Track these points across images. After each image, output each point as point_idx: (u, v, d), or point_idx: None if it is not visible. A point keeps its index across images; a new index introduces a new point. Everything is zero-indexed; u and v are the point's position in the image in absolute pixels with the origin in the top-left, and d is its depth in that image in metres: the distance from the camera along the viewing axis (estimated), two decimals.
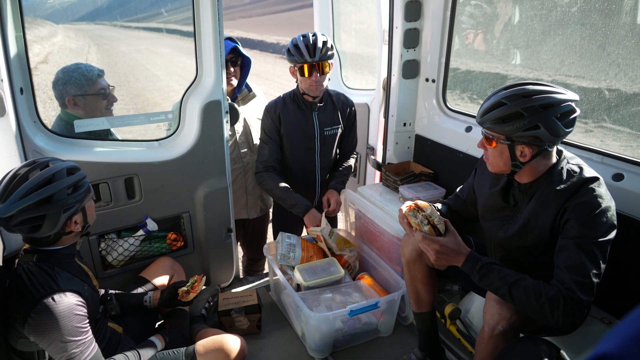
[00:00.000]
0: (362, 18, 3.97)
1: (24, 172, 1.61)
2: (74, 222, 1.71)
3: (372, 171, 3.52)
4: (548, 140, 1.59)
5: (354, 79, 4.01)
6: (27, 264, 1.67)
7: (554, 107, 1.56)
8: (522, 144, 1.62)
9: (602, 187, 1.62)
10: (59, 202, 1.60)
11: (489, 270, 1.65)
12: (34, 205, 1.56)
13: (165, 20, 31.65)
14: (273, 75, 15.48)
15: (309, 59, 2.51)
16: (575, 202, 1.59)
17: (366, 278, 2.66)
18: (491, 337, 1.72)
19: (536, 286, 1.56)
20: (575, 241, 1.56)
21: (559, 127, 1.56)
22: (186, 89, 2.49)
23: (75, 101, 2.34)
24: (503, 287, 1.61)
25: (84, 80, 2.36)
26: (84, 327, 1.66)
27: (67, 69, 2.37)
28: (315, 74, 2.54)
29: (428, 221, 1.75)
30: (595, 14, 2.51)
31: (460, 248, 1.72)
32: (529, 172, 1.70)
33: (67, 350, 1.61)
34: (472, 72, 3.68)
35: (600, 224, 1.56)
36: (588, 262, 1.53)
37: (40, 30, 21.05)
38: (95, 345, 1.71)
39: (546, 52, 2.98)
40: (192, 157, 2.51)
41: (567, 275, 1.54)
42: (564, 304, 1.51)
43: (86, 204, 1.75)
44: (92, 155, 2.29)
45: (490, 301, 1.74)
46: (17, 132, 1.97)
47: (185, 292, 2.16)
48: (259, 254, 3.32)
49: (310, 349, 2.40)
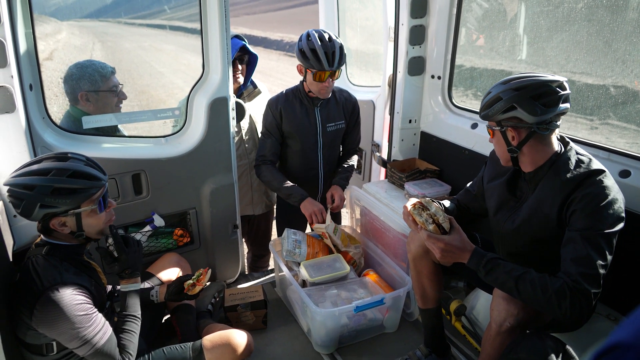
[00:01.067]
0: (368, 15, 3.96)
1: (44, 157, 1.69)
2: (61, 222, 1.70)
3: (377, 168, 3.52)
4: (529, 120, 1.65)
5: (359, 76, 4.00)
6: (35, 257, 1.70)
7: (527, 87, 1.64)
8: (509, 127, 1.70)
9: (610, 180, 1.63)
10: (39, 194, 1.62)
11: (495, 266, 1.66)
12: (20, 186, 1.62)
13: (169, 18, 31.67)
14: (277, 72, 15.48)
15: (327, 68, 2.48)
16: (582, 193, 1.60)
17: (372, 274, 2.67)
18: (498, 333, 1.73)
19: (542, 279, 1.57)
20: (582, 233, 1.57)
21: (535, 105, 1.63)
22: (193, 85, 2.50)
23: (88, 97, 2.36)
24: (509, 282, 1.62)
25: (98, 77, 2.37)
26: (92, 312, 1.67)
27: (81, 64, 2.37)
28: (329, 79, 2.55)
29: (433, 220, 1.76)
30: (601, 10, 2.50)
31: (466, 245, 1.73)
32: (528, 159, 1.75)
33: (79, 337, 1.63)
34: (477, 69, 3.67)
35: (607, 216, 1.56)
36: (594, 254, 1.53)
37: (45, 27, 21.11)
38: (109, 328, 1.73)
39: (552, 49, 2.98)
40: (198, 153, 2.53)
41: (573, 267, 1.55)
42: (571, 296, 1.51)
43: (83, 212, 1.71)
44: (99, 151, 2.30)
45: (498, 298, 1.75)
46: (27, 128, 1.98)
47: (191, 285, 2.17)
48: (263, 250, 3.33)
49: (316, 345, 2.41)
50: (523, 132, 1.69)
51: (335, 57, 2.49)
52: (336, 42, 2.50)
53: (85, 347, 1.66)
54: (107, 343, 1.71)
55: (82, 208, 1.70)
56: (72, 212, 1.69)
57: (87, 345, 1.66)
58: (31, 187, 1.61)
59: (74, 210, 1.69)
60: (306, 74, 2.57)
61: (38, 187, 1.61)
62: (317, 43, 2.47)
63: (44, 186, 1.62)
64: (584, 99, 2.82)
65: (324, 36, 2.50)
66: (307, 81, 2.61)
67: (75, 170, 1.67)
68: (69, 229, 1.73)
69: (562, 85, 1.65)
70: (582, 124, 3.41)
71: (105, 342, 1.70)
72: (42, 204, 1.63)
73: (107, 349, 1.70)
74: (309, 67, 2.51)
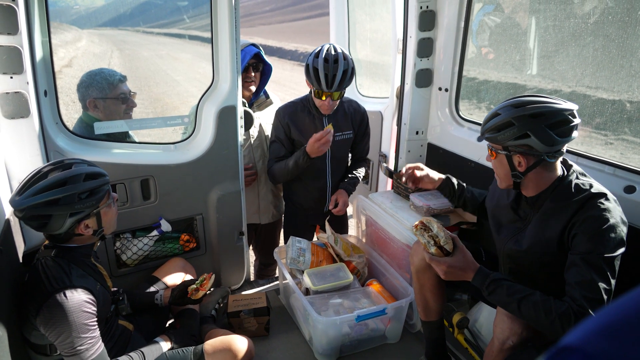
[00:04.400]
0: (377, 27, 4.00)
1: (46, 170, 1.69)
2: (85, 225, 1.75)
3: (384, 178, 3.53)
4: (541, 149, 1.61)
5: (368, 87, 4.04)
6: (45, 259, 1.74)
7: (544, 116, 1.59)
8: (517, 153, 1.66)
9: (611, 203, 1.61)
10: (66, 205, 1.65)
11: (498, 286, 1.65)
12: (42, 204, 1.63)
13: (186, 27, 32.20)
14: (290, 82, 15.61)
15: (325, 89, 2.52)
16: (582, 216, 1.59)
17: (375, 284, 2.67)
18: (501, 351, 1.72)
19: (546, 302, 1.55)
20: (583, 257, 1.55)
21: (550, 135, 1.58)
22: (202, 93, 2.55)
23: (96, 104, 2.43)
24: (512, 303, 1.61)
25: (106, 84, 2.44)
26: (92, 325, 1.70)
27: (91, 72, 2.46)
28: (329, 99, 2.58)
29: (434, 242, 1.75)
30: (615, 25, 2.49)
31: (469, 265, 1.72)
32: (532, 184, 1.72)
33: (73, 346, 1.65)
34: (487, 82, 3.67)
35: (609, 239, 1.54)
36: (597, 278, 1.52)
37: (66, 35, 21.64)
38: (102, 344, 1.74)
39: (565, 63, 2.97)
40: (206, 160, 2.57)
41: (577, 292, 1.53)
42: (576, 320, 1.50)
43: (102, 209, 1.78)
44: (110, 157, 2.36)
45: (501, 315, 1.73)
46: (40, 133, 2.05)
47: (195, 289, 2.20)
48: (270, 258, 3.35)
49: (317, 353, 2.41)
50: (531, 160, 1.66)
51: (335, 80, 2.49)
52: (341, 65, 2.49)
53: (75, 358, 1.67)
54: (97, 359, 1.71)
55: (101, 206, 1.76)
56: (93, 213, 1.75)
57: (76, 356, 1.66)
58: (56, 201, 1.64)
59: (94, 210, 1.75)
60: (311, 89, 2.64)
61: (63, 198, 1.64)
62: (321, 63, 2.48)
63: (69, 196, 1.65)
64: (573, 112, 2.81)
65: (330, 57, 2.49)
66: (312, 95, 2.66)
67: (86, 173, 1.72)
68: (91, 230, 1.78)
69: (574, 113, 1.62)
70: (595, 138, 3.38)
71: (94, 358, 1.69)
72: (71, 213, 1.67)
73: None
74: (310, 83, 2.57)
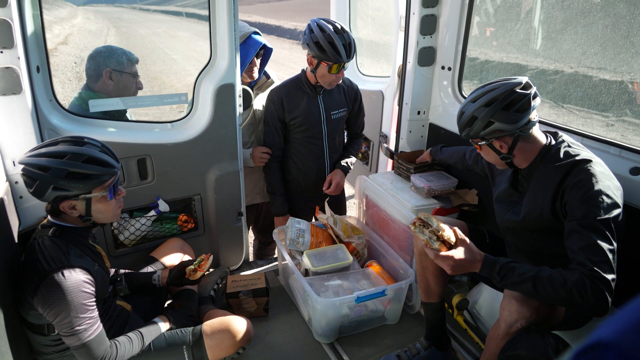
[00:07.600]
0: (379, 5, 3.91)
1: (60, 140, 1.71)
2: (72, 206, 1.72)
3: (384, 159, 3.49)
4: (510, 129, 1.69)
5: (369, 66, 3.96)
6: (42, 238, 1.72)
7: (497, 100, 1.69)
8: (494, 139, 1.75)
9: (598, 167, 1.63)
10: (53, 177, 1.64)
11: (508, 271, 1.62)
12: (34, 166, 1.65)
13: (183, 4, 31.64)
14: (289, 61, 15.39)
15: (345, 60, 2.48)
16: (571, 182, 1.62)
17: (374, 266, 2.66)
18: (507, 334, 1.69)
19: (558, 274, 1.54)
20: (580, 222, 1.57)
21: (510, 115, 1.68)
22: (200, 71, 2.49)
23: (112, 75, 2.40)
24: (526, 284, 1.58)
25: (125, 59, 2.45)
26: (91, 305, 1.69)
27: (109, 46, 2.53)
28: (342, 71, 2.55)
29: (437, 237, 1.71)
30: (619, 3, 2.42)
31: (475, 255, 1.69)
32: (521, 158, 1.79)
33: (71, 326, 1.64)
34: (490, 62, 3.61)
35: (601, 201, 1.55)
36: (599, 240, 1.52)
37: (61, 11, 21.22)
38: (100, 325, 1.74)
39: (567, 43, 2.90)
40: (204, 139, 2.52)
41: (583, 257, 1.53)
42: (591, 285, 1.48)
43: (94, 197, 1.74)
44: (106, 135, 2.31)
45: (510, 298, 1.70)
46: (33, 110, 1.99)
47: (193, 270, 2.18)
48: (270, 237, 3.33)
49: (316, 334, 2.42)
50: (508, 139, 1.75)
51: (352, 48, 2.50)
52: (350, 33, 2.52)
53: (73, 338, 1.67)
54: (95, 339, 1.71)
55: (93, 193, 1.73)
56: (83, 197, 1.71)
57: (74, 336, 1.66)
58: (46, 169, 1.63)
59: (85, 195, 1.72)
60: (318, 66, 2.54)
61: (53, 169, 1.63)
62: (334, 35, 2.45)
63: (59, 169, 1.64)
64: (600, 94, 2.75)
65: (338, 28, 2.49)
66: (318, 73, 2.58)
67: (90, 156, 1.69)
68: (77, 213, 1.75)
69: (527, 85, 1.70)
70: (596, 120, 3.34)
71: (93, 338, 1.69)
72: (55, 186, 1.65)
73: (93, 346, 1.70)
74: (325, 59, 2.48)
